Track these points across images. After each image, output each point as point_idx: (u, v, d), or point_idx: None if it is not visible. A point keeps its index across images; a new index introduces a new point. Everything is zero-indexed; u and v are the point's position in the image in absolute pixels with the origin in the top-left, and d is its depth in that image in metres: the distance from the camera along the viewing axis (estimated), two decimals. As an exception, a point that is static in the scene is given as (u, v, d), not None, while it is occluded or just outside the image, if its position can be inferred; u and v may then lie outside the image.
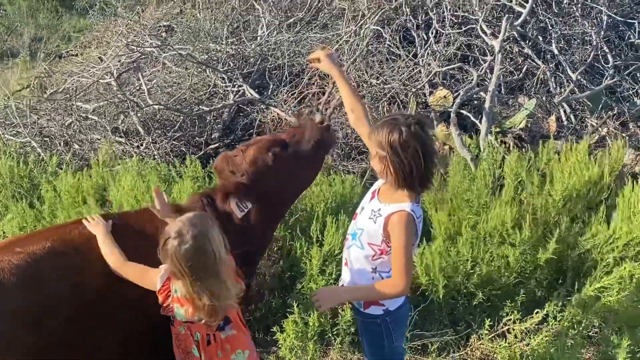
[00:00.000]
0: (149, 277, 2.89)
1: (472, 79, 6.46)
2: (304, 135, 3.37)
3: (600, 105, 6.69)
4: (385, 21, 7.32)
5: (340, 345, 4.29)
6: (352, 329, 4.16)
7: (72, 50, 11.03)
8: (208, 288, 2.73)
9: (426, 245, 4.40)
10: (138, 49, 7.58)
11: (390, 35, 7.09)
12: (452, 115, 5.99)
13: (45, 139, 7.14)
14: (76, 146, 6.85)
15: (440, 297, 4.29)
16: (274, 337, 4.25)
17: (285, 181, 3.36)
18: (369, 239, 3.01)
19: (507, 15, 6.70)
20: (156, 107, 6.56)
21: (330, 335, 4.31)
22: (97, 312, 2.87)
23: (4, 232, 5.49)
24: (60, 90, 7.91)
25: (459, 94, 6.37)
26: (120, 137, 6.71)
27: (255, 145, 3.34)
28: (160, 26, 9.14)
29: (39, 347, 2.69)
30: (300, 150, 3.35)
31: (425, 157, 2.82)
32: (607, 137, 6.32)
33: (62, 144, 6.93)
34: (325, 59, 3.48)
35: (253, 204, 3.28)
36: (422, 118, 3.00)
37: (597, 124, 6.46)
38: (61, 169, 6.21)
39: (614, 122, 6.50)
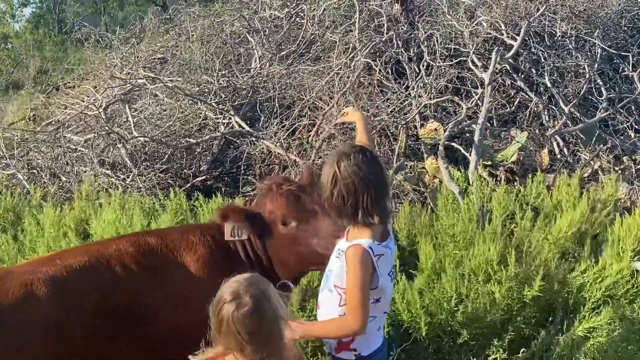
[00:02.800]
0: None
1: (462, 112, 6.40)
2: (323, 232, 3.14)
3: (594, 139, 6.60)
4: (377, 53, 7.30)
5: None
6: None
7: (69, 83, 11.08)
8: (270, 355, 2.34)
9: (407, 282, 4.27)
10: (129, 80, 7.56)
11: (381, 68, 7.06)
12: (440, 148, 5.91)
13: (33, 171, 7.10)
14: (63, 178, 6.79)
15: (424, 335, 4.15)
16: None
17: (284, 251, 3.24)
18: (335, 281, 2.88)
19: (497, 48, 6.67)
20: (142, 139, 6.51)
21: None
22: (120, 326, 2.90)
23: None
24: (51, 122, 7.88)
25: (449, 127, 6.30)
26: (107, 169, 6.65)
27: (280, 201, 3.19)
28: (155, 58, 9.16)
29: (62, 356, 2.75)
30: (308, 242, 3.16)
31: (361, 187, 2.69)
32: (600, 171, 6.22)
33: (48, 176, 6.87)
34: (353, 110, 3.65)
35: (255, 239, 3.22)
36: (349, 149, 2.80)
37: (590, 157, 6.36)
38: (46, 201, 6.15)
39: (607, 156, 6.41)
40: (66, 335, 2.76)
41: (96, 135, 7.02)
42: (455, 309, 4.12)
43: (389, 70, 7.16)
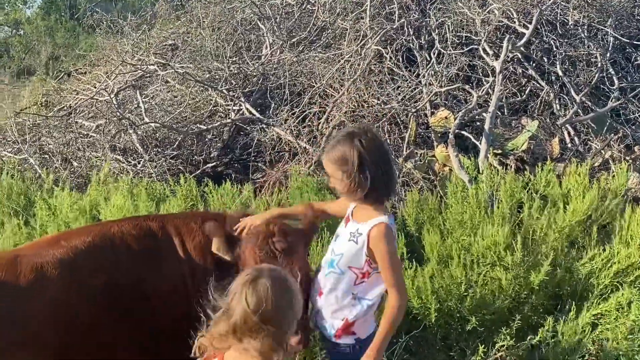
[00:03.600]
0: None
1: (472, 100, 6.38)
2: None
3: (605, 128, 6.57)
4: (388, 41, 7.28)
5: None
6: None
7: (80, 69, 11.12)
8: (283, 341, 2.24)
9: (419, 267, 4.29)
10: (140, 67, 7.58)
11: (392, 55, 7.04)
12: (451, 136, 5.90)
13: (45, 156, 7.15)
14: (74, 163, 6.83)
15: (433, 321, 4.17)
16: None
17: None
18: (350, 263, 2.90)
19: (509, 36, 6.63)
20: (153, 125, 6.54)
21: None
22: (124, 308, 2.94)
23: (-4, 251, 5.46)
24: (63, 107, 7.92)
25: (460, 115, 6.29)
26: (119, 155, 6.69)
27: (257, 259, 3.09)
28: (166, 45, 9.17)
29: (69, 334, 2.79)
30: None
31: (386, 163, 2.80)
32: (610, 160, 6.20)
33: (60, 161, 6.92)
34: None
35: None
36: (369, 126, 2.94)
37: (601, 146, 6.34)
38: (57, 186, 6.19)
39: (618, 145, 6.37)
40: (75, 317, 2.81)
41: (107, 121, 7.05)
42: (465, 294, 4.14)
43: (400, 58, 7.15)
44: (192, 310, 3.04)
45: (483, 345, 3.98)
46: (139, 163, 6.52)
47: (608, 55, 7.15)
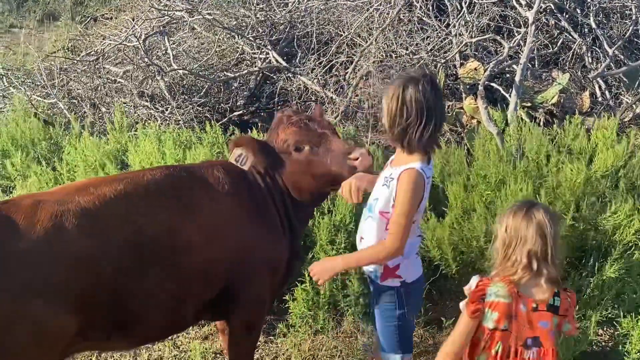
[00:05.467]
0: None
1: (504, 52, 6.27)
2: (334, 157, 3.27)
3: (637, 82, 6.46)
4: (418, -11, 7.14)
5: (352, 316, 4.26)
6: (362, 301, 4.13)
7: (106, 14, 11.08)
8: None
9: (438, 219, 4.30)
10: (167, 12, 7.54)
11: (422, 4, 6.92)
12: (480, 88, 5.83)
13: (73, 101, 7.19)
14: (102, 109, 6.88)
15: (454, 272, 4.20)
16: (286, 305, 4.23)
17: (299, 176, 3.35)
18: (381, 208, 2.96)
19: (543, -15, 6.48)
20: (181, 72, 6.53)
21: (342, 305, 4.28)
22: (152, 259, 2.91)
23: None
24: (90, 52, 7.93)
25: (490, 66, 6.20)
26: (146, 101, 6.72)
27: (291, 129, 3.34)
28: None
29: (91, 288, 2.74)
30: (319, 165, 3.29)
31: (428, 116, 2.77)
32: (642, 115, 6.12)
33: (88, 105, 6.97)
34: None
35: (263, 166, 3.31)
36: (433, 76, 2.89)
37: (632, 100, 6.23)
38: (85, 130, 6.25)
39: (650, 100, 6.27)
40: (95, 268, 2.75)
41: (135, 66, 7.06)
42: (486, 247, 4.15)
43: (430, 7, 7.01)
44: (225, 261, 3.14)
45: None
46: (167, 110, 6.55)
47: (644, 7, 6.97)
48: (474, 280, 2.67)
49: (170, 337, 4.27)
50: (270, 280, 3.33)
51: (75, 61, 7.82)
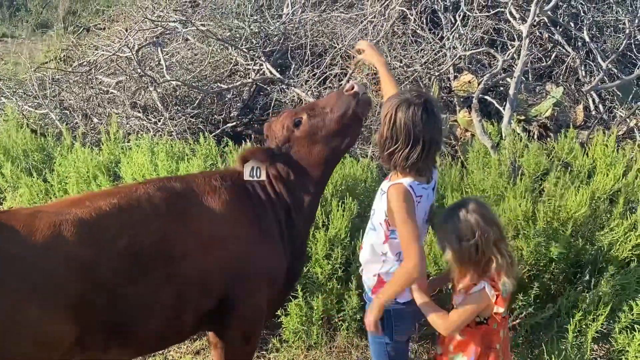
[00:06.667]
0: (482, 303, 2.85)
1: (498, 65, 6.27)
2: (332, 105, 3.25)
3: (631, 96, 6.47)
4: (412, 2, 7.15)
5: (346, 331, 4.22)
6: (358, 316, 4.09)
7: (99, 24, 11.04)
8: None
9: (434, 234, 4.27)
10: (160, 23, 7.51)
11: (416, 17, 6.92)
12: (474, 100, 5.83)
13: (65, 111, 7.14)
14: (95, 120, 6.83)
15: (449, 286, 4.16)
16: (279, 320, 4.19)
17: (310, 148, 3.28)
18: (378, 218, 2.96)
19: (537, -1, 6.49)
20: (174, 83, 6.50)
21: (336, 320, 4.24)
22: (147, 268, 2.93)
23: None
24: (82, 63, 7.89)
25: (484, 79, 6.20)
26: (139, 112, 6.67)
27: (287, 113, 3.34)
28: (186, 2, 9.07)
29: (86, 292, 2.78)
30: (324, 121, 3.25)
31: (414, 141, 2.75)
32: (635, 129, 6.11)
33: (80, 117, 6.92)
34: (370, 49, 3.53)
35: (280, 168, 3.29)
36: (432, 99, 2.87)
37: (626, 114, 6.24)
38: (76, 141, 6.19)
39: (643, 114, 6.28)
40: (91, 277, 2.78)
41: (128, 77, 7.02)
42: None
43: (424, 20, 7.02)
44: (222, 271, 3.10)
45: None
46: (159, 121, 6.51)
47: (636, 21, 6.98)
48: (487, 286, 2.81)
49: (161, 352, 4.22)
50: (268, 290, 3.30)
51: (67, 72, 7.76)
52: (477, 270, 2.83)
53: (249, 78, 6.96)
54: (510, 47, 6.65)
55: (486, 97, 6.23)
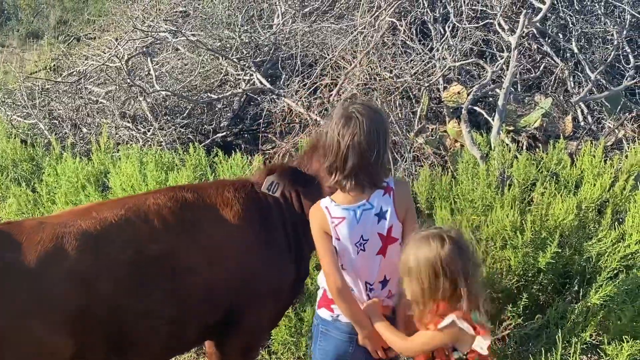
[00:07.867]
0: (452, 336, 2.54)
1: (487, 76, 6.30)
2: None
3: (619, 107, 6.50)
4: (402, 13, 7.18)
5: (335, 343, 4.20)
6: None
7: (90, 34, 11.03)
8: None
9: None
10: (150, 33, 7.51)
11: (405, 28, 6.94)
12: (464, 111, 5.85)
13: (54, 121, 7.13)
14: (84, 130, 6.82)
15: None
16: (268, 331, 4.17)
17: None
18: None
19: (525, 11, 6.53)
20: (163, 93, 6.50)
21: (325, 332, 4.22)
22: (153, 281, 2.92)
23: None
24: (72, 72, 7.88)
25: (473, 90, 6.22)
26: (128, 122, 6.66)
27: None
28: (176, 12, 9.08)
29: (87, 306, 2.77)
30: None
31: (335, 157, 2.68)
32: (624, 140, 6.14)
33: (69, 126, 6.90)
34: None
35: (298, 191, 3.26)
36: (354, 113, 2.67)
37: (614, 125, 6.27)
38: (65, 151, 6.17)
39: (632, 125, 6.31)
40: (92, 290, 2.76)
41: (117, 87, 7.01)
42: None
43: (414, 31, 7.05)
44: (229, 285, 3.09)
45: (490, 324, 3.98)
46: (149, 131, 6.50)
47: (625, 33, 7.04)
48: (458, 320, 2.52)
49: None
50: (273, 305, 3.30)
51: (56, 81, 7.74)
52: (447, 304, 2.53)
53: (239, 88, 6.97)
54: (499, 58, 6.68)
55: (475, 107, 6.25)
